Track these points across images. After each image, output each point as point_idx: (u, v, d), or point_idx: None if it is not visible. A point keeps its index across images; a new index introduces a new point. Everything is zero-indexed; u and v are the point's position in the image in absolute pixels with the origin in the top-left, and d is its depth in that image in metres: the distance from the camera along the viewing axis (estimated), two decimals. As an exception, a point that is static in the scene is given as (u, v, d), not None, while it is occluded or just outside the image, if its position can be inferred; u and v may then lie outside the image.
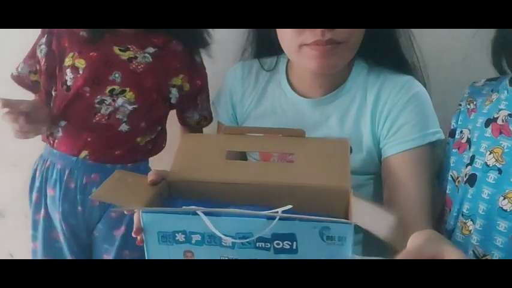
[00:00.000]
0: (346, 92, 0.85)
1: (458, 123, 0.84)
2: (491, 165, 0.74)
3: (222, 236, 0.60)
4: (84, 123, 0.99)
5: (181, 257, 0.64)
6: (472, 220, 0.75)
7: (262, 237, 0.61)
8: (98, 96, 0.97)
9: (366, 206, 0.66)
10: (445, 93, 0.95)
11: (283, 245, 0.61)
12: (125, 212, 0.70)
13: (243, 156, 0.97)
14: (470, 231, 0.75)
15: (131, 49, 0.99)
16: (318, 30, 0.73)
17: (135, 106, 0.99)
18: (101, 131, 0.99)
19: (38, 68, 1.03)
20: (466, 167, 0.78)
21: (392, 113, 0.81)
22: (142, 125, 1.01)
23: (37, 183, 1.04)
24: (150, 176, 0.70)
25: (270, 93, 0.91)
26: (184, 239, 0.63)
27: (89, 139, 1.00)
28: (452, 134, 0.85)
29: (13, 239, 1.45)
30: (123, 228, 1.02)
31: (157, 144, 1.08)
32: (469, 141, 0.80)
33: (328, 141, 0.81)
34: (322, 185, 0.72)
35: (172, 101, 1.04)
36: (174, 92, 1.03)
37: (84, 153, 1.00)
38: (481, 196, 0.74)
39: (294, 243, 0.61)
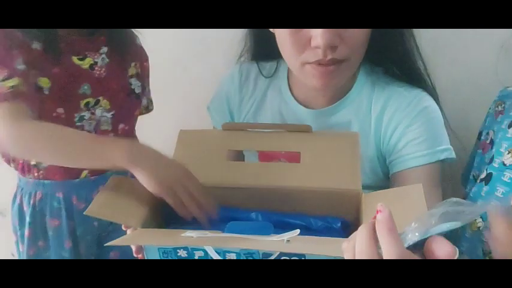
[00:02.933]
0: (349, 103, 0.81)
1: (486, 124, 0.84)
2: (508, 165, 0.72)
3: (215, 256, 0.58)
4: None
5: (184, 274, 0.61)
6: (481, 217, 0.73)
7: (268, 253, 0.58)
8: (76, 114, 0.91)
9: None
10: (446, 93, 0.93)
11: (290, 259, 0.58)
12: (123, 228, 0.67)
13: (240, 152, 0.92)
14: (478, 227, 0.73)
15: (89, 55, 0.93)
16: (319, 50, 0.70)
17: (112, 112, 0.96)
18: None
19: (11, 72, 0.85)
20: (486, 166, 0.78)
21: (399, 128, 0.78)
22: (122, 127, 0.98)
23: (28, 219, 0.98)
24: None
25: (269, 99, 0.87)
26: (186, 255, 0.60)
27: None
28: (479, 135, 0.85)
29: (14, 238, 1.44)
30: None
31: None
32: (492, 142, 0.80)
33: (336, 136, 0.76)
34: (332, 188, 0.69)
35: (137, 90, 1.00)
36: (134, 81, 1.00)
37: (84, 172, 0.97)
38: (495, 194, 0.73)
39: (302, 257, 0.58)
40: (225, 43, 0.95)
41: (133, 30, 1.00)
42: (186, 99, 1.15)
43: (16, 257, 1.45)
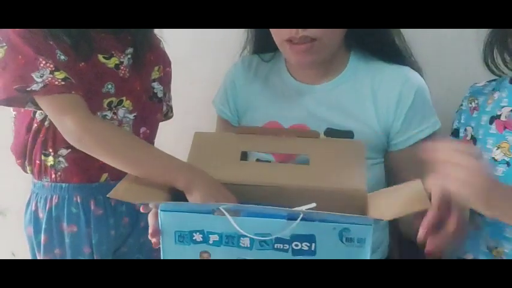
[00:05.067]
0: (346, 80, 0.87)
1: (461, 122, 0.85)
2: (499, 160, 0.75)
3: (243, 232, 0.60)
4: None
5: (198, 258, 0.64)
6: (481, 214, 0.75)
7: (280, 238, 0.61)
8: (98, 113, 0.89)
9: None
10: (446, 93, 0.96)
11: (301, 246, 0.61)
12: (141, 210, 0.69)
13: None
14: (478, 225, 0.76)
15: (115, 55, 0.92)
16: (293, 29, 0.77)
17: (135, 114, 0.94)
18: None
19: (55, 64, 0.83)
20: None
21: (401, 107, 0.83)
22: (143, 131, 0.97)
23: (44, 225, 0.93)
24: None
25: (271, 82, 0.92)
26: (201, 239, 0.63)
27: None
28: (455, 133, 0.86)
29: (15, 238, 1.44)
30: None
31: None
32: (473, 138, 0.81)
33: (343, 143, 0.80)
34: (339, 188, 0.73)
35: (159, 95, 1.00)
36: (156, 85, 0.99)
37: (104, 176, 0.93)
38: None
39: (313, 244, 0.61)
40: (225, 43, 0.99)
41: (156, 34, 1.00)
42: (186, 98, 1.16)
43: (18, 257, 1.47)
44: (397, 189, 0.70)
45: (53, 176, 0.92)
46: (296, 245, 0.61)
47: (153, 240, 0.66)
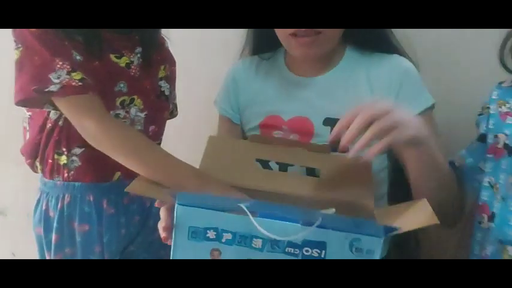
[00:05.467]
0: (342, 70, 0.90)
1: (490, 127, 0.81)
2: None
3: (262, 230, 0.60)
4: None
5: (208, 256, 0.64)
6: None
7: (292, 242, 0.62)
8: (111, 112, 0.91)
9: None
10: (446, 93, 0.98)
11: (312, 252, 0.62)
12: (156, 205, 0.70)
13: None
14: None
15: (125, 54, 0.94)
16: None
17: (145, 112, 0.96)
18: None
19: (72, 65, 0.84)
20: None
21: (393, 88, 0.86)
22: (152, 129, 0.99)
23: (55, 224, 0.94)
24: None
25: (271, 78, 0.95)
26: (214, 237, 0.64)
27: None
28: (482, 138, 0.83)
29: (15, 238, 1.44)
30: (158, 233, 1.01)
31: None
32: (508, 148, 0.77)
33: (352, 160, 0.82)
34: (347, 200, 0.75)
35: (166, 93, 1.02)
36: (163, 84, 1.01)
37: (117, 174, 0.95)
38: None
39: (323, 251, 0.62)
40: (225, 43, 1.01)
41: (162, 34, 1.02)
42: (186, 98, 1.17)
43: (18, 256, 1.46)
44: (403, 206, 0.72)
45: (66, 175, 0.93)
46: (306, 251, 0.62)
47: (163, 235, 0.67)
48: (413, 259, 0.64)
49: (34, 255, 1.03)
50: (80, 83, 0.83)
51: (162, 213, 0.69)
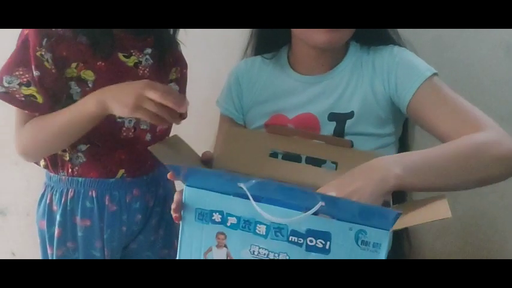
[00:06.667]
0: (345, 66, 0.91)
1: None
2: None
3: (263, 214, 0.60)
4: (112, 141, 0.94)
5: (214, 239, 0.64)
6: None
7: (296, 231, 0.62)
8: None
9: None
10: None
11: (316, 242, 0.61)
12: (168, 177, 0.68)
13: None
14: None
15: (134, 54, 0.94)
16: None
17: None
18: (131, 146, 0.95)
19: (30, 79, 0.86)
20: None
21: (392, 71, 0.87)
22: (160, 128, 0.99)
23: (58, 218, 0.95)
24: (205, 154, 0.82)
25: (274, 78, 0.96)
26: (220, 220, 0.64)
27: (122, 157, 0.95)
28: None
29: (15, 238, 1.44)
30: (161, 231, 1.02)
31: None
32: None
33: (369, 154, 0.80)
34: None
35: None
36: (173, 86, 1.02)
37: (121, 172, 0.95)
38: None
39: (328, 243, 0.61)
40: (226, 43, 1.01)
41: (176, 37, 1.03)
42: (188, 97, 1.17)
43: (18, 256, 1.45)
44: (421, 202, 0.70)
45: (70, 170, 0.94)
46: (311, 241, 0.61)
47: (175, 215, 0.67)
48: (413, 259, 0.62)
49: (34, 255, 1.03)
50: (22, 98, 0.86)
51: (176, 195, 0.69)
